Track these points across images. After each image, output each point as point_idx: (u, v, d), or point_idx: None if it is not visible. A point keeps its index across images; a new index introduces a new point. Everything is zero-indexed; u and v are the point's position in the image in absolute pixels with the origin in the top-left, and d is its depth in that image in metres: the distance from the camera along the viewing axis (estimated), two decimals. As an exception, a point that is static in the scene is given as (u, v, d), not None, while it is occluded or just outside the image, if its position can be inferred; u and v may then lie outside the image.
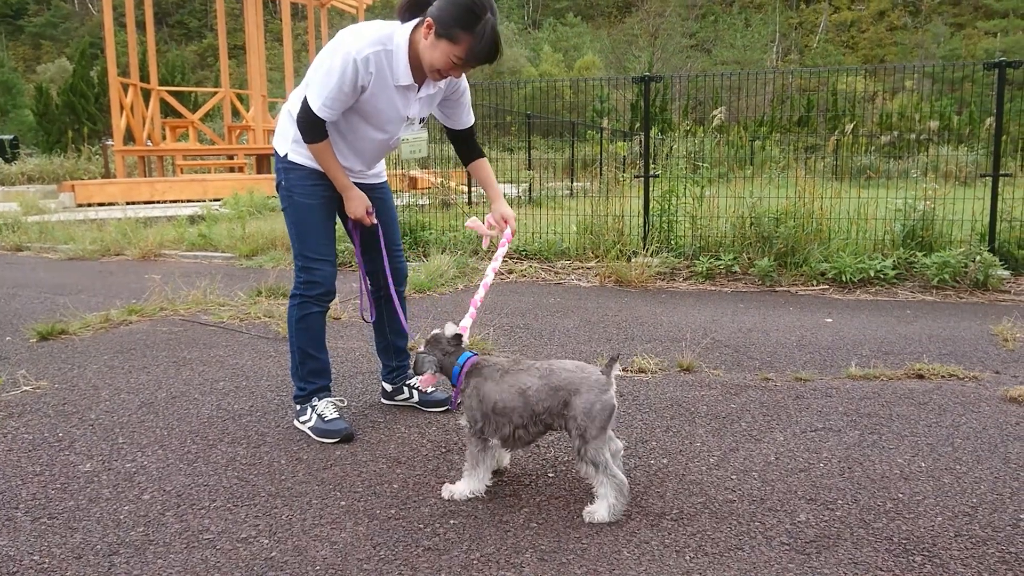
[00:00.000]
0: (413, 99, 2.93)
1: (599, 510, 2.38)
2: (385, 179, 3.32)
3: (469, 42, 2.64)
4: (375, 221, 3.13)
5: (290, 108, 3.01)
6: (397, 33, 2.78)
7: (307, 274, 3.08)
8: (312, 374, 3.16)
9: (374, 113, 2.91)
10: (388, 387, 3.52)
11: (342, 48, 2.71)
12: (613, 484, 2.36)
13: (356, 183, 3.07)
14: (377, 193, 3.23)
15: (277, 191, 3.12)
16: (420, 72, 2.84)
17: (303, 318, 3.11)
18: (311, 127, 2.83)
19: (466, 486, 2.56)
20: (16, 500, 2.55)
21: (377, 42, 2.74)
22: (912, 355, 4.26)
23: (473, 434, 2.55)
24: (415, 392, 3.47)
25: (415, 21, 2.77)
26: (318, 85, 2.77)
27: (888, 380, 3.83)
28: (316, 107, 2.77)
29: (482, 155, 3.24)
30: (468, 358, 2.64)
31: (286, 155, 3.03)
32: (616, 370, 2.46)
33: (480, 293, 2.89)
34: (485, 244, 3.26)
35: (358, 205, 3.03)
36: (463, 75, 2.96)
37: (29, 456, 2.93)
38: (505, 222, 3.07)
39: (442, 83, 2.97)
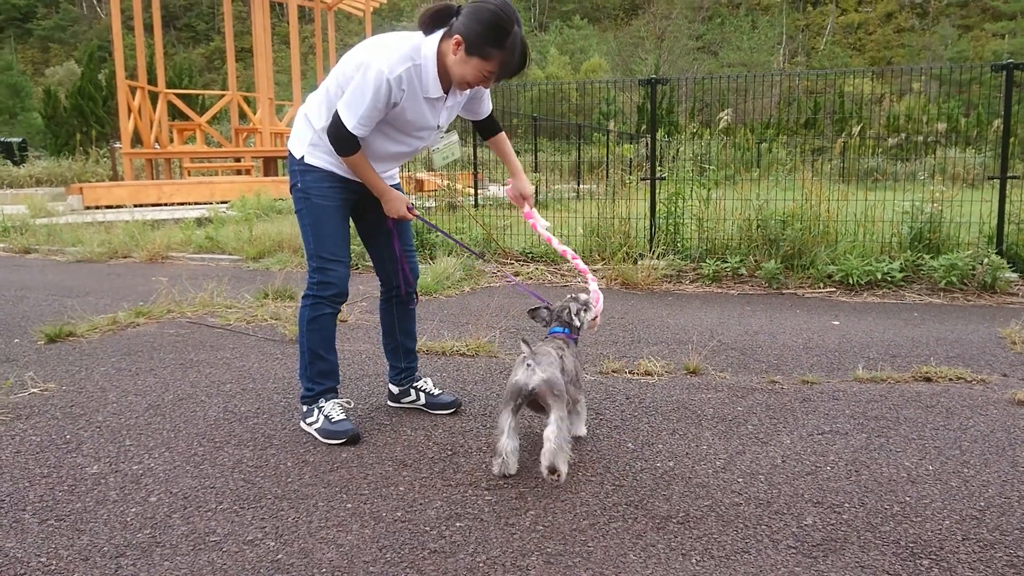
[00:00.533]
0: (441, 108, 2.96)
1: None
2: (397, 180, 3.33)
3: (501, 58, 2.69)
4: (417, 214, 3.17)
5: (307, 112, 3.02)
6: (424, 46, 2.79)
7: (322, 275, 3.08)
8: (321, 375, 3.17)
9: (403, 125, 2.93)
10: (395, 389, 3.52)
11: (374, 65, 2.71)
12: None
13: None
14: None
15: (291, 192, 3.12)
16: (447, 81, 2.87)
17: (315, 319, 3.11)
18: (345, 143, 2.85)
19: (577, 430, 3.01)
20: (24, 502, 2.56)
21: (407, 58, 2.76)
22: (919, 358, 4.24)
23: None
24: (422, 395, 3.48)
25: (439, 33, 2.78)
26: (351, 104, 2.77)
27: (895, 383, 3.82)
28: (351, 126, 2.78)
29: (501, 130, 3.28)
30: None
31: (302, 157, 3.03)
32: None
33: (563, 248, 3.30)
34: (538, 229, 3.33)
35: (399, 204, 3.06)
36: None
37: (36, 458, 2.94)
38: (524, 199, 3.23)
39: (469, 91, 3.00)
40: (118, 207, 13.29)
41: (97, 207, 13.77)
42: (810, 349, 4.50)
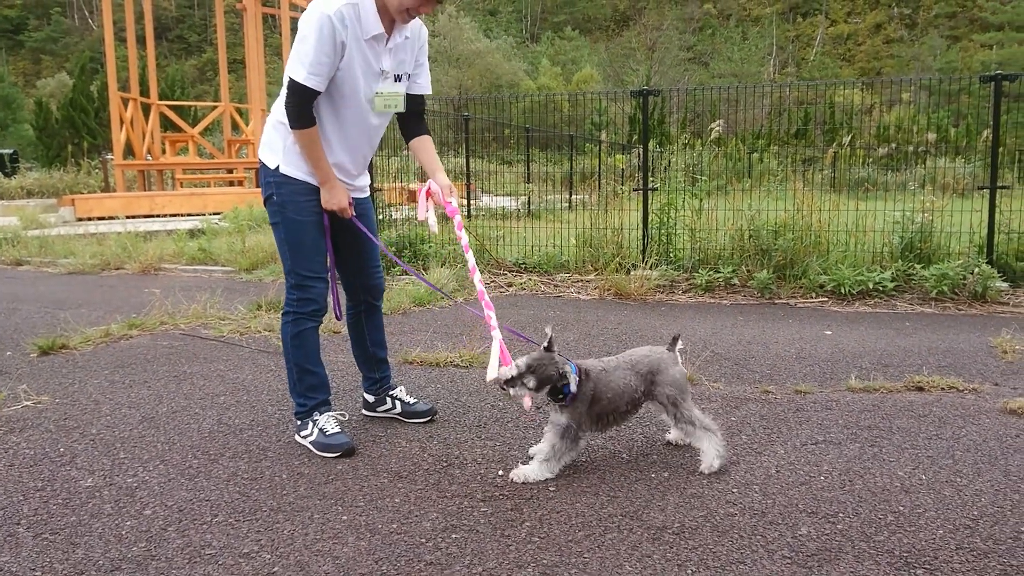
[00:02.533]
0: (383, 50, 2.94)
1: (711, 461, 2.82)
2: (368, 193, 3.33)
3: None
4: (353, 214, 3.13)
5: (278, 118, 2.99)
6: None
7: (301, 291, 3.08)
8: (311, 389, 3.16)
9: (351, 79, 2.89)
10: (370, 398, 3.52)
11: (313, 9, 2.74)
12: (711, 434, 2.84)
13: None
14: (359, 208, 3.22)
15: (266, 205, 3.09)
16: (387, 19, 2.89)
17: (298, 335, 3.11)
18: (299, 105, 2.83)
19: (541, 472, 2.80)
20: (18, 516, 2.55)
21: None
22: (912, 367, 4.26)
23: (570, 433, 2.80)
24: (398, 403, 3.48)
25: None
26: (298, 54, 2.78)
27: (888, 392, 3.84)
28: (302, 77, 2.77)
29: (428, 132, 3.25)
30: (576, 366, 2.83)
31: (277, 167, 3.00)
32: (680, 345, 3.01)
33: (484, 300, 3.08)
34: (422, 215, 3.20)
35: (340, 196, 3.02)
36: (423, 29, 3.07)
37: (31, 471, 2.93)
38: (449, 192, 3.14)
39: (408, 30, 2.99)
40: (110, 219, 13.28)
41: (89, 219, 13.75)
42: (803, 359, 4.52)
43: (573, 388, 2.77)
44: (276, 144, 3.01)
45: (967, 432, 3.26)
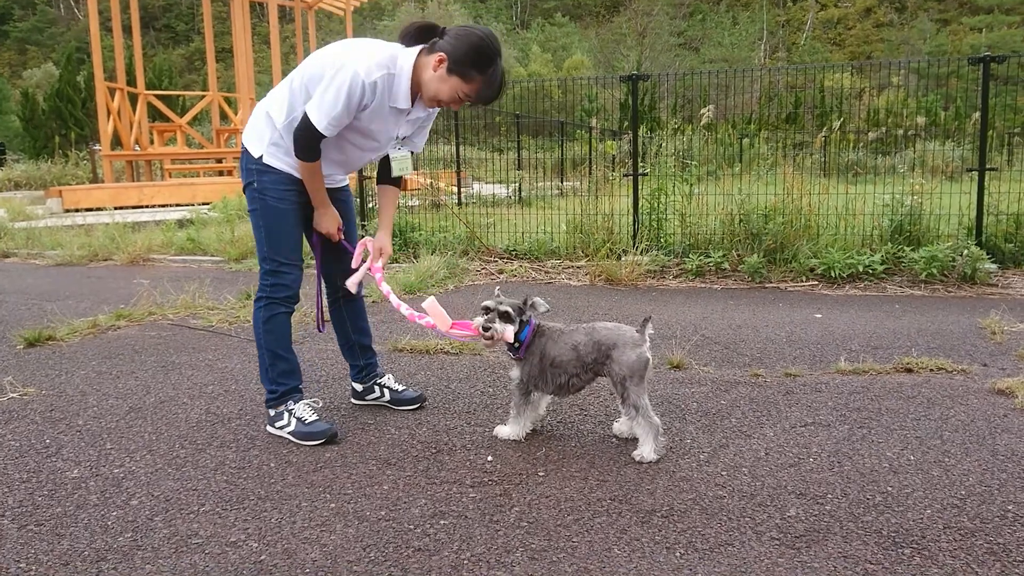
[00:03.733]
0: (404, 120, 2.99)
1: (645, 451, 2.82)
2: (347, 182, 3.34)
3: (480, 83, 2.78)
4: (342, 237, 3.19)
5: (268, 109, 2.98)
6: (401, 57, 2.82)
7: (275, 277, 3.09)
8: (283, 375, 3.15)
9: (366, 131, 2.94)
10: (359, 387, 3.52)
11: (350, 67, 2.71)
12: (652, 425, 2.81)
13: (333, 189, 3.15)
14: (339, 195, 3.26)
15: (245, 191, 3.09)
16: (415, 95, 2.91)
17: (270, 319, 3.11)
18: (310, 145, 2.84)
19: (511, 430, 3.05)
20: (3, 507, 2.53)
21: (384, 66, 2.78)
22: (901, 349, 4.27)
23: (522, 389, 3.01)
24: (386, 391, 3.47)
25: (419, 48, 2.82)
26: (323, 104, 2.75)
27: (877, 374, 3.84)
28: (321, 125, 2.77)
29: (398, 184, 3.29)
30: (532, 323, 3.00)
31: (261, 157, 2.99)
32: (649, 329, 2.94)
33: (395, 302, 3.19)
34: (353, 284, 3.23)
35: (331, 222, 3.11)
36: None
37: (16, 463, 2.91)
38: (381, 254, 3.20)
39: (432, 109, 3.04)
40: (98, 210, 13.19)
41: (77, 210, 13.65)
42: (793, 342, 4.52)
43: (524, 337, 2.97)
44: (263, 135, 3.00)
45: (955, 413, 3.27)
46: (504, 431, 3.07)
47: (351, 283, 3.19)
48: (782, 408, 3.38)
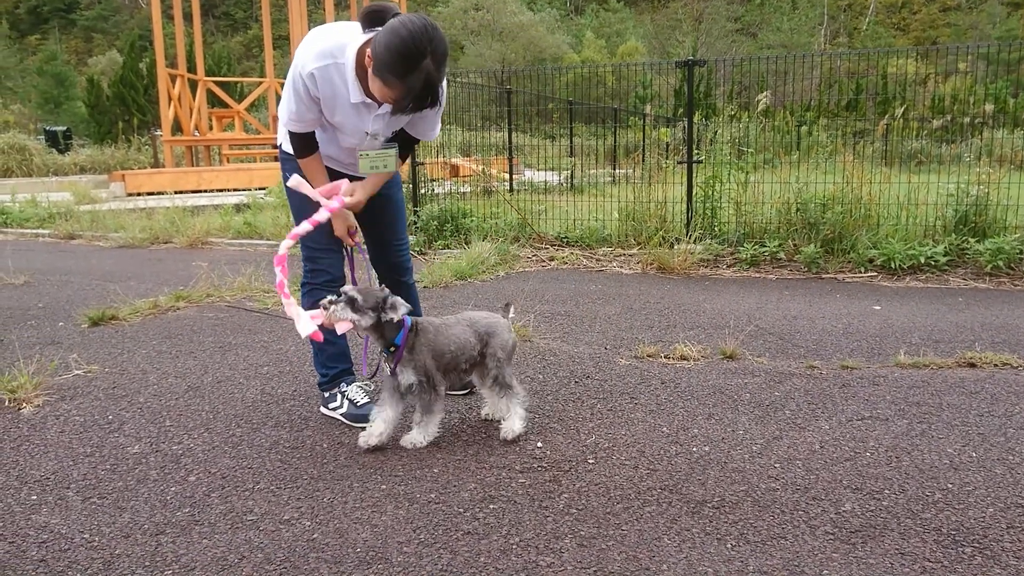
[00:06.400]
0: (371, 116, 2.79)
1: (515, 425, 2.92)
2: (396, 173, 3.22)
3: (401, 89, 2.49)
4: (358, 242, 3.10)
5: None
6: (349, 47, 2.63)
7: (313, 263, 3.12)
8: (332, 359, 3.20)
9: (334, 124, 2.85)
10: None
11: (296, 60, 2.68)
12: (522, 400, 2.98)
13: (360, 176, 2.98)
14: (383, 190, 3.09)
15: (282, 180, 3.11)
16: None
17: (314, 305, 3.13)
18: (295, 142, 2.86)
19: (426, 435, 2.89)
20: (68, 480, 2.62)
21: (328, 55, 2.62)
22: (964, 343, 4.14)
23: (427, 387, 2.85)
24: None
25: (369, 36, 2.59)
26: (284, 101, 2.78)
27: (938, 369, 3.74)
28: (284, 121, 2.80)
29: (406, 159, 3.19)
30: (407, 321, 2.85)
31: (281, 145, 3.06)
32: (511, 313, 3.14)
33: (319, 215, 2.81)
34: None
35: (339, 225, 2.99)
36: (440, 101, 2.74)
37: (80, 438, 3.00)
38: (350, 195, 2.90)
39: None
40: (159, 194, 13.52)
41: (139, 194, 14.02)
42: (850, 334, 4.42)
43: (400, 341, 2.81)
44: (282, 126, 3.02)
45: (1020, 409, 3.16)
46: (418, 438, 2.87)
47: (308, 220, 2.84)
48: (838, 401, 3.31)
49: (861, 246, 6.35)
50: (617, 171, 13.19)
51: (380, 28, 2.52)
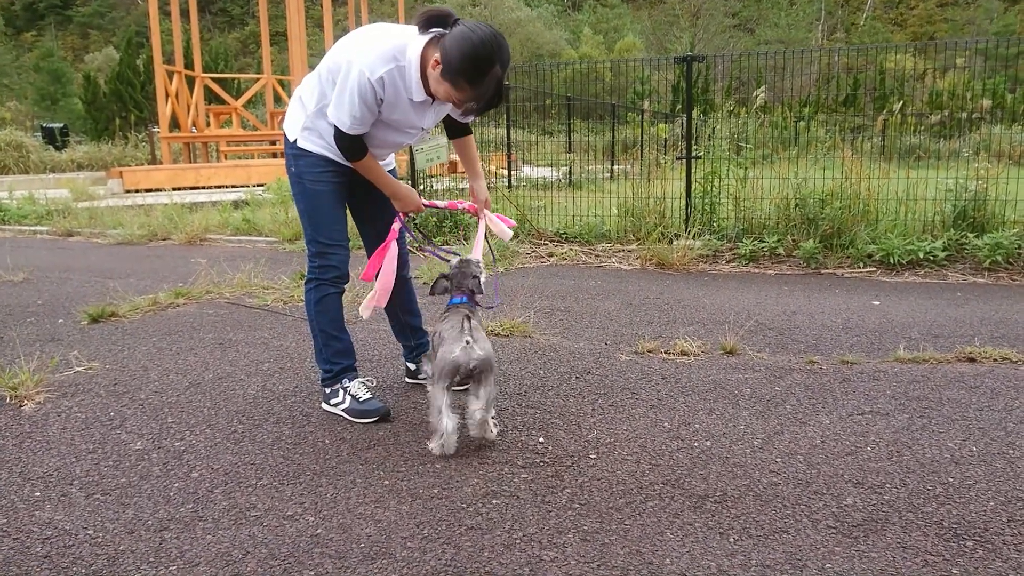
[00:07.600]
0: (427, 110, 2.89)
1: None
2: (394, 165, 3.32)
3: (470, 93, 2.60)
4: (423, 209, 3.20)
5: (302, 94, 2.99)
6: (410, 47, 2.68)
7: (322, 259, 3.11)
8: (337, 354, 3.20)
9: (391, 123, 2.89)
10: (411, 366, 3.57)
11: (356, 66, 2.65)
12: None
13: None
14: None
15: (288, 175, 3.12)
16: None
17: (321, 300, 3.14)
18: (348, 146, 2.84)
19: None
20: (71, 476, 2.62)
21: (390, 58, 2.67)
22: (963, 338, 4.16)
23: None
24: None
25: (429, 36, 2.67)
26: (340, 106, 2.73)
27: (938, 363, 3.75)
28: (346, 127, 2.76)
29: (470, 132, 3.25)
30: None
31: (295, 141, 3.02)
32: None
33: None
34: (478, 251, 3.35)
35: (409, 201, 3.08)
36: None
37: (82, 434, 3.00)
38: (484, 204, 3.29)
39: None
40: (157, 190, 13.49)
41: (136, 190, 13.99)
42: (849, 329, 4.43)
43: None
44: (298, 119, 3.01)
45: (1020, 403, 3.18)
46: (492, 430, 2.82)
47: (475, 252, 3.25)
48: (838, 396, 3.32)
49: (860, 241, 6.36)
50: (615, 167, 13.19)
51: (438, 30, 2.63)
